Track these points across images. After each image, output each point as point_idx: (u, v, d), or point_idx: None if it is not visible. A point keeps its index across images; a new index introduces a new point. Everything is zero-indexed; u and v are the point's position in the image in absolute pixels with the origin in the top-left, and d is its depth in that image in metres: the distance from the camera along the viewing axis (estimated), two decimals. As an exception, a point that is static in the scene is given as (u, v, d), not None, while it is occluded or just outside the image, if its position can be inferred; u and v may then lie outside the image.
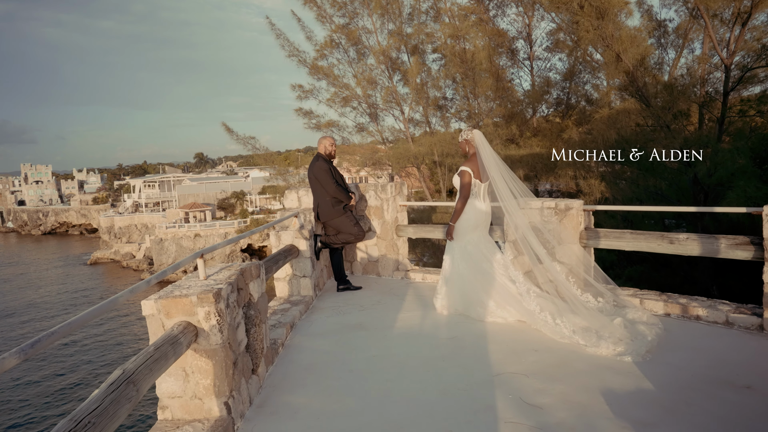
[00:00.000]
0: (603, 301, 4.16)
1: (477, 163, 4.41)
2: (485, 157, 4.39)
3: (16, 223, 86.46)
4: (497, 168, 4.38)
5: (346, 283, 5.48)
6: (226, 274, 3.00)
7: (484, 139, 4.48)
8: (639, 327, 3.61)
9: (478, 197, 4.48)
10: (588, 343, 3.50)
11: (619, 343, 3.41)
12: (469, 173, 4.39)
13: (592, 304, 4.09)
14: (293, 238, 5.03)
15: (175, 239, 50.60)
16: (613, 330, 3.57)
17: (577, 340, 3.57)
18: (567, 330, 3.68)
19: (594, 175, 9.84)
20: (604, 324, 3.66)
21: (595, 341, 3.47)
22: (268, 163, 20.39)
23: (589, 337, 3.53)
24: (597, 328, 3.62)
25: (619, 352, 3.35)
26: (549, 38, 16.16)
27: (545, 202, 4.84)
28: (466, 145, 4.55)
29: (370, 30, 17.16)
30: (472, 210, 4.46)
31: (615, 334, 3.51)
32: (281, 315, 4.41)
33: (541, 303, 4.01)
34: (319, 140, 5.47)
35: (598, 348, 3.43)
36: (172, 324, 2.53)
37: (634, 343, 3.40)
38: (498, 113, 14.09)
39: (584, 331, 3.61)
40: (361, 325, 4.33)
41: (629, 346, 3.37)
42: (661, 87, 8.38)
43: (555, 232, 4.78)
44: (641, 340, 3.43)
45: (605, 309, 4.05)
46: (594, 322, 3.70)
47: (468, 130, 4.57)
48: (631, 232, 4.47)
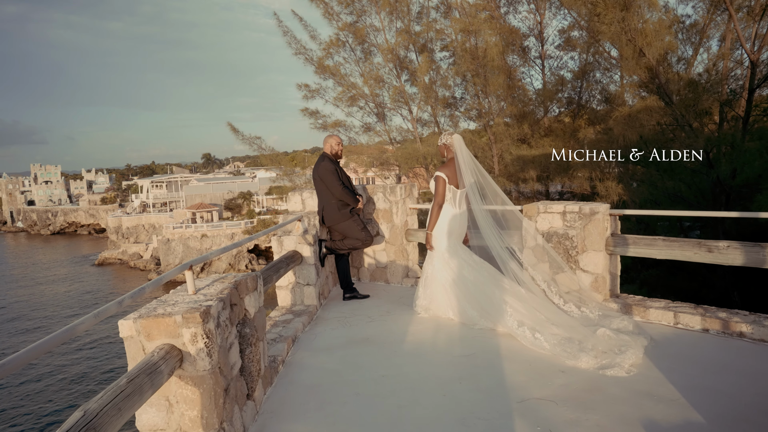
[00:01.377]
0: (587, 310, 4.05)
1: (454, 169, 4.33)
2: (462, 164, 4.29)
3: (25, 222, 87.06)
4: (473, 176, 4.30)
5: (352, 291, 5.14)
6: (218, 287, 2.67)
7: (464, 145, 4.36)
8: (623, 337, 3.49)
9: (453, 203, 4.36)
10: (568, 355, 3.34)
11: (604, 356, 3.28)
12: (443, 179, 4.29)
13: (575, 314, 4.00)
14: (296, 244, 4.71)
15: (182, 239, 50.59)
16: (596, 342, 3.45)
17: (559, 353, 3.41)
18: (548, 344, 3.52)
19: (610, 176, 9.44)
20: (586, 335, 3.54)
21: (575, 353, 3.34)
22: (274, 164, 20.09)
23: (571, 349, 3.39)
24: (579, 339, 3.50)
25: (601, 365, 3.20)
26: (561, 36, 15.81)
27: (568, 206, 4.49)
28: (444, 150, 4.44)
29: (378, 28, 16.88)
30: (447, 217, 4.34)
31: (598, 346, 3.38)
32: (282, 327, 4.09)
33: (519, 317, 3.82)
34: (324, 139, 5.15)
35: (577, 360, 3.27)
36: (154, 347, 2.21)
37: (620, 356, 3.25)
38: (509, 112, 13.71)
39: (566, 342, 3.48)
40: (368, 338, 3.99)
41: (614, 359, 3.23)
42: (684, 84, 7.97)
43: (578, 239, 4.42)
44: (626, 352, 3.29)
45: (589, 319, 3.92)
46: (575, 334, 3.57)
47: (448, 133, 4.45)
48: (663, 239, 4.10)
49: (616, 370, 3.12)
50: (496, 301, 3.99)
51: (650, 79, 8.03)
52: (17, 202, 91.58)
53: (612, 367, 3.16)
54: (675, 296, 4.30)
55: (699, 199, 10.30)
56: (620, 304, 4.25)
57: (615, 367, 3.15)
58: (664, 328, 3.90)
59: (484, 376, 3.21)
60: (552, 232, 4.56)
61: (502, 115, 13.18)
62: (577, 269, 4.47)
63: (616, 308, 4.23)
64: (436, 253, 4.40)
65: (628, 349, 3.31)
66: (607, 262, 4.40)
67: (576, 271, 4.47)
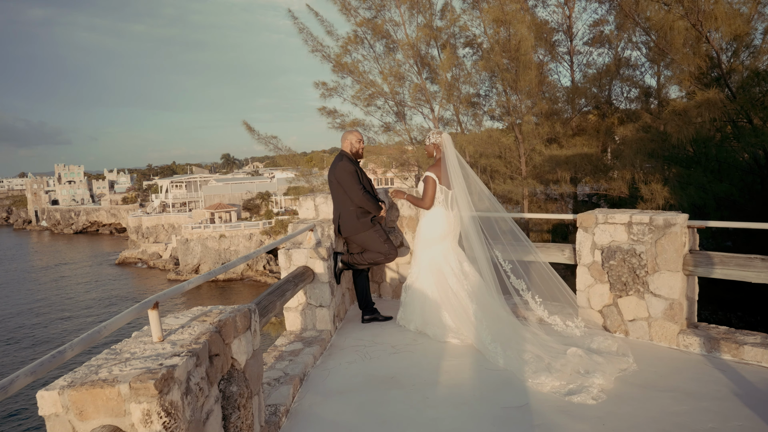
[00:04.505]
0: (572, 325, 3.75)
1: (442, 169, 4.15)
2: (451, 165, 4.12)
3: (49, 222, 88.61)
4: (461, 178, 4.11)
5: (372, 312, 4.42)
6: (195, 331, 1.98)
7: (452, 145, 4.19)
8: (596, 358, 3.20)
9: (446, 205, 4.16)
10: (533, 375, 3.09)
11: (572, 378, 3.02)
12: (434, 180, 4.13)
13: (559, 328, 3.76)
14: (307, 258, 4.01)
15: (200, 240, 50.60)
16: (565, 362, 3.16)
17: (524, 371, 3.16)
18: (516, 362, 3.27)
19: (656, 178, 8.55)
20: (555, 354, 3.29)
21: (536, 373, 3.10)
22: (291, 164, 19.50)
23: (537, 368, 3.16)
24: (549, 359, 3.24)
25: (567, 390, 2.91)
26: (591, 30, 14.94)
27: (635, 216, 3.69)
28: (434, 149, 4.26)
29: (398, 23, 16.21)
30: (439, 218, 4.13)
31: (567, 368, 3.11)
32: (289, 362, 3.39)
33: (495, 332, 3.61)
34: (343, 136, 4.44)
35: (538, 382, 3.02)
36: (90, 430, 1.52)
37: (587, 378, 3.00)
38: (538, 110, 12.86)
39: (535, 361, 3.24)
40: (393, 378, 3.27)
41: (581, 382, 2.96)
42: (750, 75, 7.06)
43: (648, 256, 3.62)
44: (594, 375, 3.03)
45: (573, 335, 3.66)
46: (545, 352, 3.33)
47: (437, 132, 4.26)
48: (762, 259, 3.28)
49: (582, 397, 2.83)
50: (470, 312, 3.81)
51: (709, 70, 7.15)
52: (42, 201, 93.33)
53: (578, 393, 2.87)
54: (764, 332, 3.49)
55: (752, 204, 9.34)
56: (702, 337, 3.45)
57: (581, 393, 2.86)
58: (764, 371, 3.09)
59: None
60: (614, 247, 3.77)
61: (532, 112, 12.34)
62: (645, 293, 3.68)
63: (698, 342, 3.44)
64: (423, 256, 4.15)
65: (599, 372, 3.05)
66: (684, 284, 3.60)
67: (644, 295, 3.68)
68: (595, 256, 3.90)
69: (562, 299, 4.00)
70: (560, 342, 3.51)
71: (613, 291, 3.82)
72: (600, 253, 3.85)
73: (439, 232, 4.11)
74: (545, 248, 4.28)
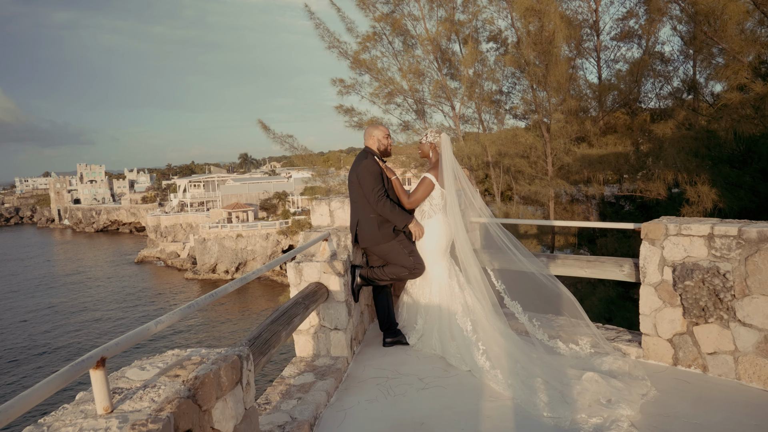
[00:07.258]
0: (577, 348, 3.37)
1: (440, 173, 3.78)
2: (447, 167, 3.75)
3: (71, 220, 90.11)
4: (455, 182, 3.79)
5: (395, 334, 3.83)
6: (160, 395, 1.41)
7: (450, 147, 3.83)
8: (615, 383, 2.78)
9: (445, 211, 3.78)
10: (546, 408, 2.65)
11: (592, 411, 2.58)
12: (431, 182, 3.77)
13: (562, 350, 3.38)
14: (321, 274, 3.44)
15: (217, 239, 50.62)
16: (582, 389, 2.74)
17: (536, 402, 2.73)
18: (522, 392, 2.83)
19: (702, 179, 7.81)
20: (567, 381, 2.84)
21: (548, 406, 2.67)
22: (307, 164, 19.03)
23: (552, 399, 2.71)
24: (560, 387, 2.81)
25: (592, 427, 2.45)
26: (618, 25, 14.20)
27: (717, 227, 3.03)
28: (429, 149, 3.89)
29: (417, 17, 15.63)
30: (441, 228, 3.75)
31: (585, 398, 2.67)
32: (297, 401, 2.82)
33: (493, 357, 3.19)
34: (366, 131, 3.88)
35: (553, 415, 2.58)
36: None
37: (612, 410, 2.56)
38: (567, 107, 12.13)
39: (545, 390, 2.79)
40: (424, 424, 2.68)
41: (608, 415, 2.53)
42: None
43: (736, 276, 2.97)
44: (619, 404, 2.60)
45: (579, 356, 3.28)
46: (554, 378, 2.90)
47: (434, 131, 3.91)
48: None
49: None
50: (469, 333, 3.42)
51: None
52: (64, 200, 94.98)
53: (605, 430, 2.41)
54: None
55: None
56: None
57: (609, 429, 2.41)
58: None
59: None
60: (690, 264, 3.12)
61: (561, 109, 11.61)
62: (731, 321, 3.02)
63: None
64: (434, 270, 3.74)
65: (623, 401, 2.62)
66: (780, 312, 2.93)
67: (729, 323, 3.02)
68: (664, 274, 3.25)
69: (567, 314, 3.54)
70: (567, 364, 3.12)
71: (688, 317, 3.17)
72: (671, 270, 3.20)
73: (444, 243, 3.78)
74: (599, 263, 3.65)
